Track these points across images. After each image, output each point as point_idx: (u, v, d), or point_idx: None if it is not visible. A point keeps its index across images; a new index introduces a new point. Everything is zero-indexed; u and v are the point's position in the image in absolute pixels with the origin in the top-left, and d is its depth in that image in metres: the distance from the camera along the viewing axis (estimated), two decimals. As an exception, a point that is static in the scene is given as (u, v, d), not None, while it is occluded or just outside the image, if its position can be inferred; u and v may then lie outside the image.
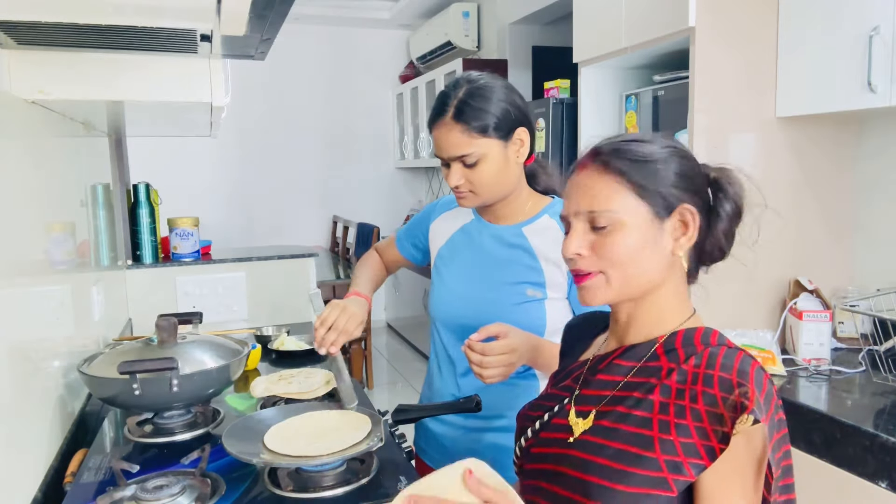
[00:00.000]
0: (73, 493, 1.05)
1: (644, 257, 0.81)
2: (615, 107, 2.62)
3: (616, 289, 0.83)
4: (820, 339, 1.83)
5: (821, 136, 2.05)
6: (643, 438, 0.76)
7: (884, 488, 1.36)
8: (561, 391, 0.93)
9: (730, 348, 0.79)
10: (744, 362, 0.76)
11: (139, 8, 0.88)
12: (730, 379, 0.74)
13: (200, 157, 5.20)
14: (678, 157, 0.83)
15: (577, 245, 0.83)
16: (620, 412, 0.81)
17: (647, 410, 0.78)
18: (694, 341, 0.82)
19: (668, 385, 0.78)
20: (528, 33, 4.46)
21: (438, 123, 1.24)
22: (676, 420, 0.75)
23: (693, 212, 0.82)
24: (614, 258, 0.81)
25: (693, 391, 0.76)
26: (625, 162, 0.82)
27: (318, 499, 1.02)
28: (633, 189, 0.81)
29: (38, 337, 1.19)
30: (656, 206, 0.81)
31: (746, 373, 0.74)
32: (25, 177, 1.17)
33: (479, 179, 1.24)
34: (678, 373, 0.78)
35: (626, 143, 0.84)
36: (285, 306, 2.59)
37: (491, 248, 1.33)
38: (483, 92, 1.23)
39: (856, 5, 1.73)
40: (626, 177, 0.81)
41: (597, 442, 0.80)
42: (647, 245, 0.81)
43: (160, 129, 2.45)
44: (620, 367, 0.85)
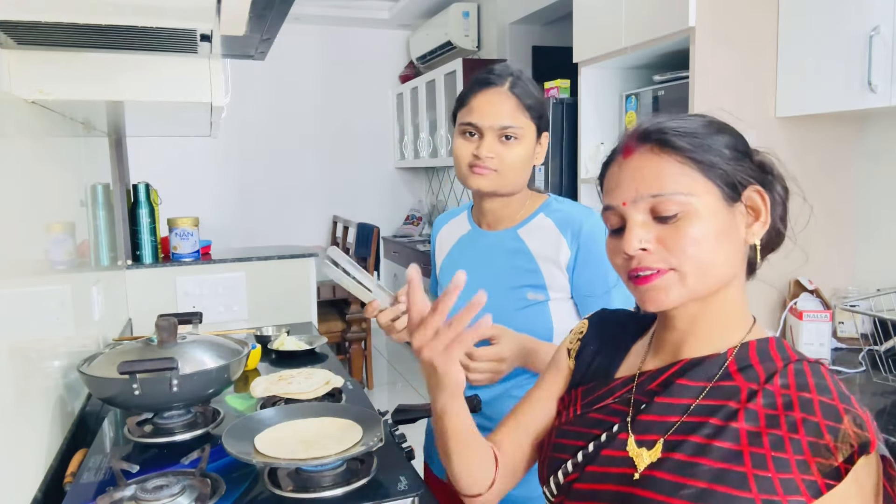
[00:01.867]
0: (73, 493, 1.05)
1: (720, 247, 0.71)
2: (615, 107, 2.62)
3: (691, 287, 0.71)
4: (820, 339, 1.83)
5: (821, 136, 2.05)
6: (734, 475, 0.66)
7: (884, 488, 1.36)
8: (606, 415, 0.79)
9: (811, 363, 0.71)
10: (836, 381, 0.69)
11: (139, 8, 0.88)
12: (833, 406, 0.65)
13: (200, 157, 5.20)
14: (733, 134, 0.75)
15: (641, 238, 0.71)
16: (698, 443, 0.69)
17: (734, 441, 0.67)
18: (772, 355, 0.72)
19: (754, 410, 0.68)
20: (528, 33, 4.46)
21: (489, 89, 1.22)
22: (774, 453, 0.65)
23: (764, 194, 0.73)
24: (690, 250, 0.70)
25: (790, 418, 0.66)
26: (684, 139, 0.71)
27: (318, 499, 1.02)
28: (700, 168, 0.71)
29: (38, 337, 1.19)
30: (726, 189, 0.71)
31: (848, 397, 0.67)
32: (25, 177, 1.17)
33: (510, 158, 1.21)
34: (764, 395, 0.69)
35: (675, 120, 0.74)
36: (285, 306, 2.59)
37: (488, 255, 1.31)
38: (532, 82, 1.26)
39: (856, 5, 1.73)
40: (690, 155, 0.71)
41: (672, 480, 0.68)
42: (723, 234, 0.71)
43: (160, 129, 2.45)
44: (686, 389, 0.74)
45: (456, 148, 1.25)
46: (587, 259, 1.22)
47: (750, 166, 0.74)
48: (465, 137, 1.24)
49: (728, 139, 0.73)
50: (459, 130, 1.25)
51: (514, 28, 4.42)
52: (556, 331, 1.24)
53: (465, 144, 1.23)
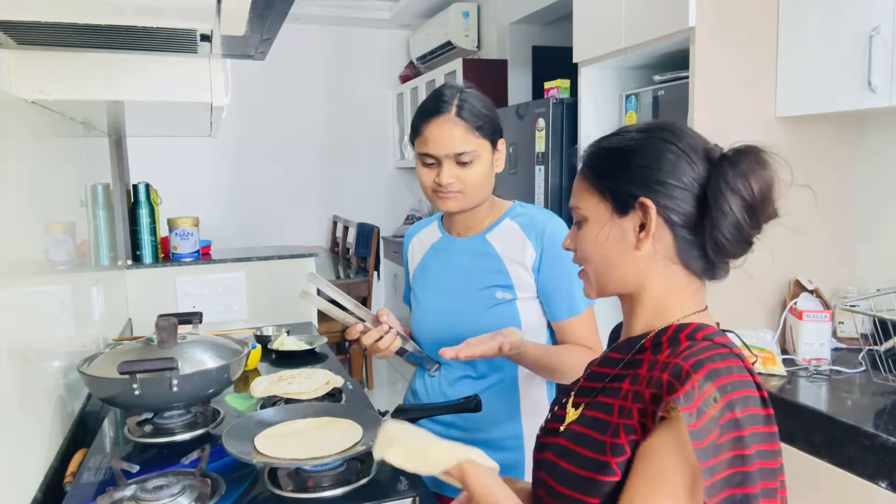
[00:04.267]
0: (73, 493, 1.05)
1: (608, 254, 0.82)
2: (615, 107, 2.62)
3: (594, 285, 0.86)
4: (820, 339, 1.83)
5: (821, 136, 2.05)
6: (602, 424, 0.77)
7: (884, 488, 1.36)
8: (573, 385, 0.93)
9: (714, 343, 0.74)
10: (714, 357, 0.71)
11: (139, 8, 0.88)
12: (681, 365, 0.71)
13: (200, 157, 5.20)
14: (650, 145, 0.79)
15: (569, 240, 0.89)
16: (600, 402, 0.81)
17: (612, 397, 0.79)
18: (680, 335, 0.78)
19: (639, 374, 0.77)
20: (528, 33, 4.46)
21: (437, 119, 1.25)
22: (630, 405, 0.74)
23: (648, 206, 0.77)
24: (582, 254, 0.85)
25: (651, 376, 0.74)
26: (591, 160, 0.85)
27: (318, 499, 1.02)
28: (592, 186, 0.83)
29: (38, 337, 1.19)
30: (614, 203, 0.81)
31: (702, 363, 0.70)
32: (25, 176, 1.17)
33: (470, 179, 1.26)
34: (650, 363, 0.77)
35: (605, 138, 0.86)
36: (285, 306, 2.59)
37: (459, 260, 1.36)
38: (478, 97, 1.28)
39: (856, 5, 1.73)
40: (588, 174, 0.84)
41: (577, 430, 0.82)
42: (608, 241, 0.81)
43: (160, 129, 2.45)
44: (611, 360, 0.85)
45: (419, 175, 1.30)
46: (551, 260, 1.28)
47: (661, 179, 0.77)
48: (425, 166, 1.28)
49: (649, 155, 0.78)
50: (419, 159, 1.30)
51: (514, 28, 4.42)
52: (525, 328, 1.29)
53: (427, 172, 1.28)
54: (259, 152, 5.48)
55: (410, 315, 1.48)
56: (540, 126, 3.07)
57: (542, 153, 3.06)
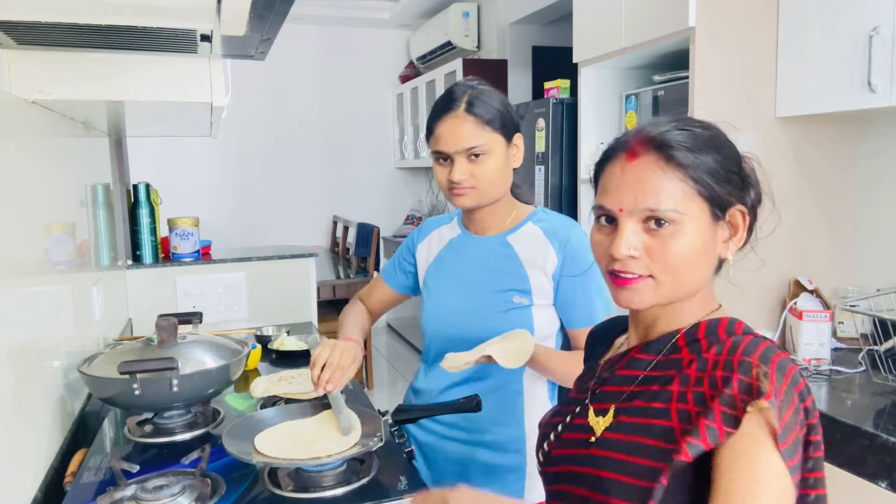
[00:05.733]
0: (73, 493, 1.05)
1: (699, 262, 0.76)
2: (615, 107, 2.62)
3: (665, 294, 0.77)
4: (820, 339, 1.83)
5: (821, 136, 2.05)
6: (660, 429, 0.72)
7: (884, 488, 1.36)
8: (581, 393, 0.89)
9: (756, 337, 0.74)
10: (769, 349, 0.71)
11: (139, 8, 0.88)
12: (749, 362, 0.69)
13: (200, 157, 5.20)
14: (730, 147, 0.78)
15: (631, 246, 0.75)
16: (639, 406, 0.76)
17: (666, 401, 0.74)
18: (717, 331, 0.77)
19: (688, 375, 0.74)
20: (528, 33, 4.46)
21: (447, 116, 1.26)
22: (696, 408, 0.70)
23: (744, 213, 0.77)
24: (672, 263, 0.75)
25: (712, 377, 0.71)
26: (688, 155, 0.74)
27: (318, 499, 1.02)
28: (697, 189, 0.74)
29: (38, 337, 1.19)
30: (716, 207, 0.75)
31: (769, 358, 0.69)
32: (25, 177, 1.17)
33: (483, 174, 1.25)
34: (699, 361, 0.74)
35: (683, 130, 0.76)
36: (285, 306, 2.59)
37: (477, 258, 1.35)
38: (489, 93, 1.28)
39: (856, 5, 1.73)
40: (693, 173, 0.74)
41: (615, 438, 0.77)
42: (704, 249, 0.76)
43: (160, 129, 2.45)
44: (639, 361, 0.81)
45: (435, 173, 1.31)
46: (572, 269, 1.27)
47: (738, 183, 0.77)
48: (439, 163, 1.29)
49: (725, 158, 0.76)
50: (433, 157, 1.31)
51: (514, 28, 4.42)
52: (537, 335, 1.28)
53: (441, 170, 1.29)
54: (259, 152, 5.48)
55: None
56: (540, 126, 3.07)
57: (542, 153, 3.06)
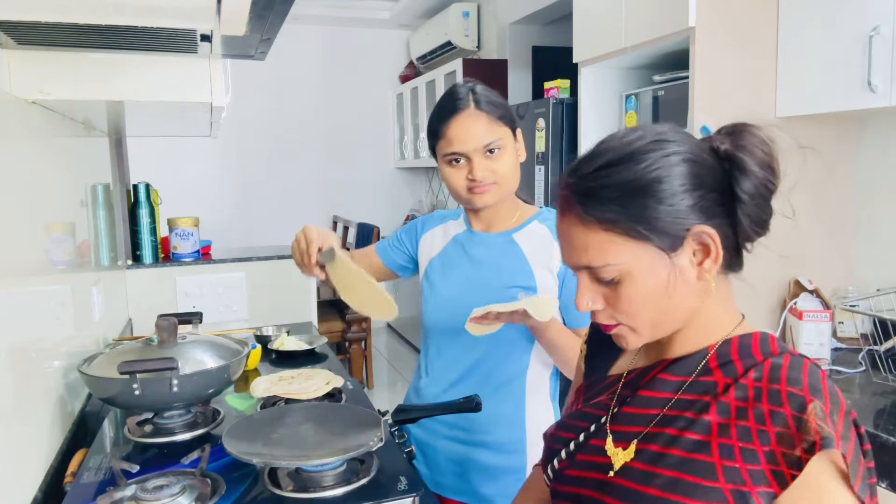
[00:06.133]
0: (73, 493, 1.05)
1: (667, 299, 0.70)
2: (615, 107, 2.62)
3: (647, 335, 0.73)
4: (820, 339, 1.83)
5: (821, 136, 2.05)
6: (702, 465, 0.67)
7: (884, 488, 1.36)
8: (595, 409, 0.82)
9: (794, 356, 0.70)
10: (812, 374, 0.67)
11: (139, 8, 0.88)
12: (801, 395, 0.64)
13: (200, 157, 5.20)
14: (671, 166, 0.68)
15: (588, 300, 0.73)
16: (670, 435, 0.70)
17: (704, 433, 0.68)
18: (752, 351, 0.71)
19: (726, 403, 0.68)
20: (528, 33, 4.46)
21: (458, 116, 1.24)
22: (741, 444, 0.65)
23: (709, 232, 0.69)
24: (633, 310, 0.71)
25: (758, 410, 0.66)
26: (604, 206, 0.68)
27: (318, 499, 1.02)
28: (628, 234, 0.68)
29: (38, 337, 1.19)
30: (661, 242, 0.68)
31: (818, 388, 0.65)
32: (25, 177, 1.17)
33: (501, 169, 1.25)
34: (737, 388, 0.69)
35: (599, 172, 0.69)
36: (285, 306, 2.59)
37: (482, 255, 1.35)
38: (489, 90, 1.29)
39: (856, 5, 1.73)
40: (615, 223, 0.68)
41: (644, 470, 0.71)
42: (666, 286, 0.69)
43: (160, 129, 2.45)
44: (666, 383, 0.75)
45: (448, 177, 1.28)
46: None
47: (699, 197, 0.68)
48: (453, 166, 1.27)
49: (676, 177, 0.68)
50: (445, 161, 1.28)
51: (514, 28, 4.42)
52: None
53: (456, 172, 1.27)
54: (259, 152, 5.48)
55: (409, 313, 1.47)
56: (540, 126, 3.07)
57: (543, 153, 3.06)
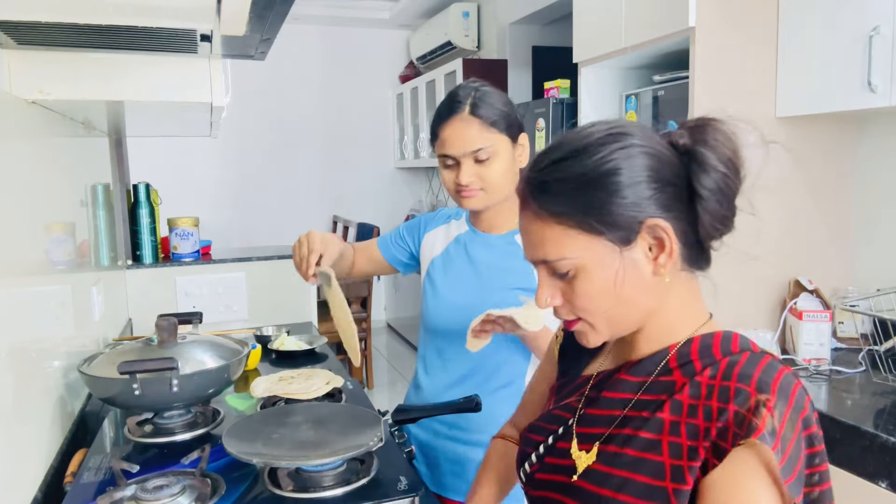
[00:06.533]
0: (73, 493, 1.05)
1: (623, 293, 0.70)
2: (615, 107, 2.62)
3: (605, 332, 0.73)
4: (820, 339, 1.83)
5: (821, 136, 2.05)
6: (651, 464, 0.67)
7: (884, 488, 1.36)
8: (563, 411, 0.83)
9: (754, 354, 0.69)
10: (767, 370, 0.66)
11: (139, 8, 0.88)
12: (746, 391, 0.64)
13: (200, 157, 5.20)
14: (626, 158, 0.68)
15: (547, 295, 0.74)
16: (627, 435, 0.71)
17: (656, 431, 0.68)
18: (712, 350, 0.71)
19: (680, 400, 0.68)
20: (528, 33, 4.45)
21: (452, 119, 1.26)
22: (689, 442, 0.65)
23: (662, 225, 0.68)
24: (589, 306, 0.71)
25: (707, 407, 0.65)
26: (557, 199, 0.69)
27: (318, 499, 1.02)
28: (581, 228, 0.68)
29: (38, 337, 1.19)
30: (613, 236, 0.68)
31: (768, 383, 0.64)
32: (25, 177, 1.17)
33: (490, 176, 1.26)
34: (691, 385, 0.68)
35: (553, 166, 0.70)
36: (285, 306, 2.59)
37: (484, 256, 1.35)
38: (493, 94, 1.29)
39: (856, 5, 1.73)
40: (568, 216, 0.69)
41: (602, 471, 0.71)
42: (621, 280, 0.69)
43: (160, 129, 2.45)
44: (628, 384, 0.75)
45: (442, 177, 1.32)
46: None
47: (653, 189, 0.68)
48: (446, 167, 1.30)
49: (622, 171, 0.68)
50: (440, 161, 1.31)
51: (514, 28, 4.42)
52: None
53: (448, 173, 1.30)
54: (259, 152, 5.48)
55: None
56: (540, 126, 3.07)
57: (542, 153, 3.06)
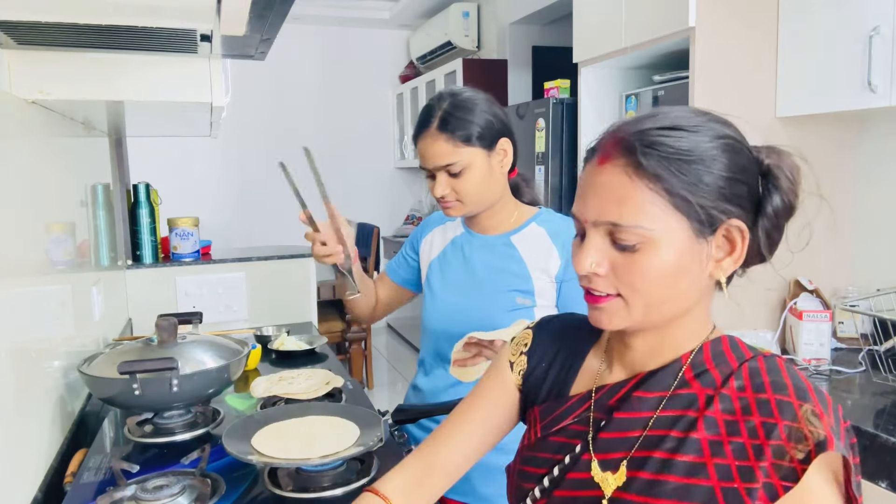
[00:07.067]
0: (73, 493, 1.05)
1: (676, 283, 0.66)
2: (615, 107, 2.62)
3: (637, 317, 0.68)
4: (820, 339, 1.83)
5: (821, 136, 2.05)
6: (700, 490, 0.63)
7: (884, 488, 1.36)
8: (567, 438, 0.75)
9: (766, 357, 0.68)
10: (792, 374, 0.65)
11: (139, 8, 0.88)
12: (789, 401, 0.62)
13: (200, 157, 5.20)
14: (729, 151, 0.65)
15: (593, 260, 0.67)
16: (661, 459, 0.66)
17: (696, 454, 0.65)
18: (727, 357, 0.69)
19: (713, 417, 0.65)
20: (528, 33, 4.46)
21: (423, 135, 1.27)
22: (738, 462, 0.62)
23: (743, 229, 0.66)
24: (640, 284, 0.66)
25: (750, 424, 0.63)
26: (663, 162, 0.63)
27: (318, 499, 1.02)
28: (671, 201, 0.63)
29: (38, 337, 1.19)
30: (699, 223, 0.64)
31: (804, 389, 0.63)
32: (25, 177, 1.17)
33: (464, 188, 1.27)
34: (721, 400, 0.65)
35: (663, 131, 0.65)
36: (285, 306, 2.59)
37: (480, 257, 1.35)
38: (466, 104, 1.26)
39: (856, 5, 1.73)
40: (665, 184, 0.63)
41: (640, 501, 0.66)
42: (682, 270, 0.65)
43: (160, 129, 2.45)
44: (644, 401, 0.70)
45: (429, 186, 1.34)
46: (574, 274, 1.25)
47: (738, 195, 0.66)
48: (428, 177, 1.31)
49: (728, 162, 0.65)
50: None
51: (514, 28, 4.42)
52: None
53: (429, 183, 1.31)
54: (259, 152, 5.48)
55: (419, 312, 1.48)
56: (540, 126, 3.07)
57: (542, 153, 3.06)
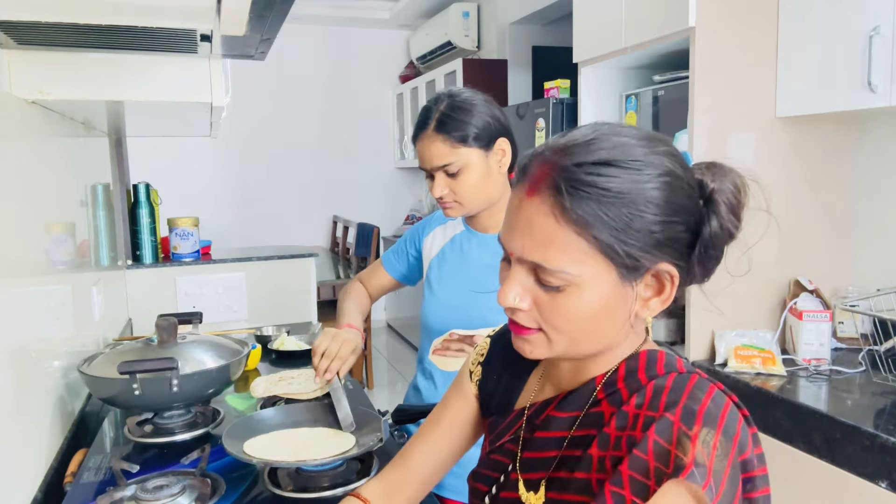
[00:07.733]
0: (73, 493, 1.05)
1: (599, 324, 0.64)
2: (615, 107, 2.62)
3: (558, 351, 0.66)
4: (820, 339, 1.83)
5: (821, 136, 2.05)
6: None
7: (884, 488, 1.36)
8: (502, 456, 0.76)
9: (680, 375, 0.64)
10: (694, 394, 0.61)
11: (139, 8, 0.88)
12: (670, 419, 0.59)
13: (200, 157, 5.20)
14: (667, 190, 0.61)
15: (515, 295, 0.64)
16: (563, 479, 0.66)
17: (586, 470, 0.64)
18: (638, 374, 0.66)
19: (608, 434, 0.63)
20: (528, 33, 4.46)
21: (421, 136, 1.28)
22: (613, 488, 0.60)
23: (673, 273, 0.63)
24: (562, 325, 0.63)
25: (631, 437, 0.61)
26: (591, 205, 0.59)
27: (318, 499, 1.02)
28: (598, 247, 0.60)
29: (38, 337, 1.19)
30: (626, 269, 0.61)
31: (694, 410, 0.59)
32: (25, 177, 1.17)
33: (462, 189, 1.28)
34: (618, 417, 0.63)
35: (594, 167, 0.60)
36: (285, 306, 2.59)
37: (479, 256, 1.36)
38: (463, 105, 1.27)
39: (856, 5, 1.73)
40: (592, 230, 0.59)
41: None
42: (607, 311, 0.63)
43: (160, 129, 2.45)
44: (559, 421, 0.69)
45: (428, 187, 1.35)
46: None
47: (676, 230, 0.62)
48: (427, 177, 1.32)
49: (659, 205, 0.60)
50: None
51: (514, 28, 4.42)
52: None
53: (429, 183, 1.32)
54: (259, 152, 5.48)
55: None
56: (540, 126, 3.07)
57: (542, 153, 3.06)
